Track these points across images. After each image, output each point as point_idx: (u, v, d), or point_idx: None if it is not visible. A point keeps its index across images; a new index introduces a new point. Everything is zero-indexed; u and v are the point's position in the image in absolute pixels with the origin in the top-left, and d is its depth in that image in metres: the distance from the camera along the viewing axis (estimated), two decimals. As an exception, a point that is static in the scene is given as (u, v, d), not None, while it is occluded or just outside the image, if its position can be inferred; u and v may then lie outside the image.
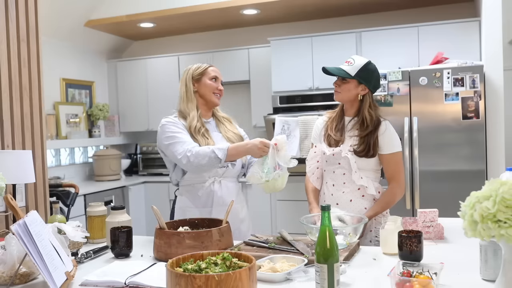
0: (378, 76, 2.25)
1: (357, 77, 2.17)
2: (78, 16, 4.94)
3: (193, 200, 2.29)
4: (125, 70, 5.70)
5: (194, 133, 2.24)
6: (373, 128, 2.18)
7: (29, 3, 2.63)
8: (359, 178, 2.18)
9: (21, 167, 2.24)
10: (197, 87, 2.34)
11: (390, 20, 4.80)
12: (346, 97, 2.22)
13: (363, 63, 2.19)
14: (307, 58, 4.66)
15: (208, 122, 2.37)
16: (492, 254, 1.43)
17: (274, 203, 4.75)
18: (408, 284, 1.30)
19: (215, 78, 2.34)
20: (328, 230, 1.30)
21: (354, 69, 2.18)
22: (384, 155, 2.19)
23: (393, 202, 2.21)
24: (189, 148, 2.14)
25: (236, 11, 4.74)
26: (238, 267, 1.31)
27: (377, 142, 2.17)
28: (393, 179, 2.21)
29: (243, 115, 5.53)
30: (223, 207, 2.19)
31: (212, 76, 2.34)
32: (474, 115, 3.63)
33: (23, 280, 1.56)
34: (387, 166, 2.21)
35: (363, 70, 2.18)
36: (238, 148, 2.15)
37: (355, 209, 2.17)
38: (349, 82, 2.19)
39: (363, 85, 2.19)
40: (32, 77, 2.64)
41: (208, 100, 2.35)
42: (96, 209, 2.22)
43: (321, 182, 2.36)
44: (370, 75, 2.20)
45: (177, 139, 2.20)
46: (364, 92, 2.20)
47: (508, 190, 1.07)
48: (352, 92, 2.20)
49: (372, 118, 2.19)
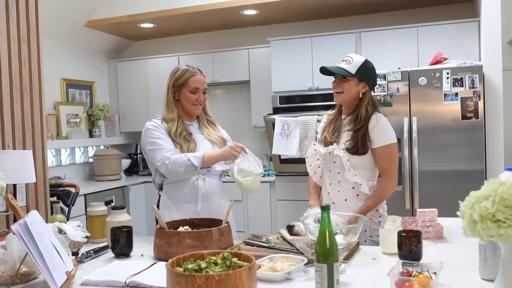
0: (376, 73, 2.26)
1: (358, 75, 2.17)
2: (79, 16, 4.95)
3: (178, 196, 2.32)
4: (126, 70, 5.70)
5: (174, 138, 2.30)
6: (364, 123, 2.17)
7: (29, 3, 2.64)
8: (353, 175, 2.17)
9: (21, 167, 2.24)
10: (178, 96, 2.38)
11: (389, 21, 4.80)
12: (348, 97, 2.21)
13: (362, 61, 2.20)
14: (307, 58, 4.66)
15: (191, 124, 2.42)
16: (491, 253, 1.43)
17: (274, 203, 4.76)
18: (407, 284, 1.30)
19: (195, 89, 2.35)
20: (328, 230, 1.30)
21: (354, 67, 2.18)
22: (376, 148, 2.18)
23: (386, 196, 2.20)
24: (167, 156, 2.21)
25: (236, 11, 4.74)
26: (238, 266, 1.31)
27: (367, 137, 2.16)
28: (385, 173, 2.20)
29: (243, 115, 5.54)
30: (208, 203, 2.29)
31: (192, 88, 2.34)
32: (474, 115, 3.64)
33: (24, 280, 1.57)
34: (380, 159, 2.19)
35: (362, 67, 2.18)
36: (212, 154, 2.23)
37: (350, 209, 2.17)
38: (350, 81, 2.19)
39: (363, 83, 2.19)
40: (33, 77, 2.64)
41: (188, 110, 2.40)
42: (97, 209, 2.23)
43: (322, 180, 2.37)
44: (370, 73, 2.21)
45: (157, 145, 2.26)
46: (365, 89, 2.21)
47: (507, 190, 1.07)
48: (353, 90, 2.20)
49: (367, 114, 2.19)
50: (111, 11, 4.98)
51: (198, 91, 2.36)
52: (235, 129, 5.61)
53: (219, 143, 2.39)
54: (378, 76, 3.81)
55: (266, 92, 4.95)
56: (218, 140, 2.41)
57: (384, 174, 2.20)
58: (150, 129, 2.33)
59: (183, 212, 2.26)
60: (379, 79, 3.80)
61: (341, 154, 2.17)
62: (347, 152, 2.18)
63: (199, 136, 2.39)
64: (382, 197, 2.19)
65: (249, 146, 2.31)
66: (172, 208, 2.31)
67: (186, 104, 2.37)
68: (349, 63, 2.19)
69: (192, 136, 2.34)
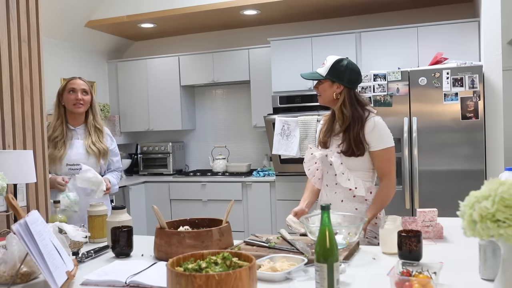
0: (354, 70, 2.20)
1: (329, 76, 2.18)
2: (79, 16, 4.95)
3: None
4: (126, 70, 5.70)
5: (48, 141, 2.60)
6: (351, 124, 2.15)
7: (30, 4, 2.64)
8: (346, 180, 2.17)
9: (22, 167, 2.24)
10: (62, 100, 2.73)
11: (389, 21, 4.80)
12: (326, 99, 2.23)
13: (333, 62, 2.19)
14: (307, 58, 4.66)
15: (75, 129, 2.73)
16: (491, 253, 1.43)
17: (274, 203, 4.76)
18: (407, 284, 1.31)
19: (72, 90, 2.69)
20: (328, 230, 1.30)
21: (325, 70, 2.19)
22: (375, 151, 2.17)
23: (388, 200, 2.20)
24: None
25: (236, 11, 4.74)
26: (238, 266, 1.31)
27: (363, 139, 2.14)
28: (385, 176, 2.19)
29: (243, 115, 5.54)
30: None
31: (69, 89, 2.70)
32: (473, 115, 3.64)
33: (24, 280, 1.57)
34: (379, 162, 2.19)
35: (333, 68, 2.17)
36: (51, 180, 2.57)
37: (346, 210, 2.16)
38: (323, 83, 2.21)
39: (337, 83, 2.19)
40: (33, 77, 2.64)
41: (70, 110, 2.71)
42: (97, 208, 2.23)
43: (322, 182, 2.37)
44: (342, 72, 2.17)
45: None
46: (339, 90, 2.19)
47: (507, 190, 1.07)
48: (328, 92, 2.20)
49: (344, 116, 2.17)
50: (111, 11, 4.99)
51: (76, 91, 2.69)
52: (235, 129, 5.63)
53: (97, 154, 2.68)
54: (378, 76, 3.82)
55: (266, 92, 4.95)
56: (95, 151, 2.68)
57: (384, 177, 2.20)
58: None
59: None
60: (379, 79, 3.81)
61: (333, 160, 2.17)
62: (343, 155, 2.18)
63: (78, 142, 2.69)
64: (384, 201, 2.19)
65: (249, 146, 2.34)
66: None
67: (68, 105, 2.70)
68: (323, 66, 2.22)
69: (67, 141, 2.66)
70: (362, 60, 4.39)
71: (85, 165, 2.61)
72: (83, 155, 2.67)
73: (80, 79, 2.76)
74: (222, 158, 5.37)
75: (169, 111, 5.50)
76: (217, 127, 5.73)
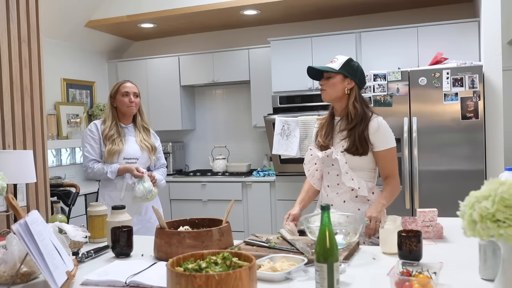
0: (363, 72, 2.26)
1: (342, 71, 2.19)
2: (79, 16, 4.95)
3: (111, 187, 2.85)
4: (126, 70, 5.70)
5: (104, 139, 2.81)
6: (358, 122, 2.17)
7: (30, 4, 2.64)
8: (350, 179, 2.17)
9: (22, 167, 2.25)
10: (115, 102, 2.88)
11: (389, 21, 4.80)
12: (334, 94, 2.22)
13: (346, 59, 2.23)
14: (307, 59, 4.66)
15: (126, 127, 2.91)
16: (491, 253, 1.43)
17: (274, 203, 4.76)
18: (407, 284, 1.31)
19: (125, 93, 2.85)
20: (328, 230, 1.30)
21: (338, 65, 2.21)
22: (379, 152, 2.18)
23: (396, 192, 2.21)
24: (90, 165, 2.79)
25: (236, 11, 4.74)
26: (238, 266, 1.31)
27: (368, 139, 2.15)
28: (390, 175, 2.21)
29: (243, 115, 5.54)
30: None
31: (122, 92, 2.85)
32: (473, 115, 3.64)
33: (24, 280, 1.57)
34: (383, 163, 2.20)
35: (346, 64, 2.21)
36: (126, 167, 2.77)
37: (348, 211, 2.16)
38: (334, 77, 2.21)
39: (349, 79, 2.20)
40: (33, 78, 2.64)
41: (123, 111, 2.88)
42: (97, 208, 2.23)
43: (321, 183, 2.37)
44: (355, 69, 2.22)
45: (85, 150, 2.82)
46: (351, 85, 2.21)
47: (507, 190, 1.07)
48: (338, 87, 2.20)
49: (357, 111, 2.18)
50: (111, 11, 4.99)
51: (129, 94, 2.84)
52: (235, 129, 5.63)
53: (148, 151, 2.88)
54: (378, 76, 3.82)
55: (266, 92, 4.95)
56: (147, 147, 2.89)
57: (389, 176, 2.21)
58: (86, 132, 2.85)
59: (119, 198, 2.80)
60: (379, 79, 3.81)
61: (339, 157, 2.17)
62: (347, 153, 2.18)
63: (131, 138, 2.88)
64: (394, 192, 2.20)
65: (249, 146, 2.36)
66: (110, 194, 2.83)
67: (121, 107, 2.85)
68: (333, 62, 2.24)
69: (123, 138, 2.84)
70: (362, 60, 4.39)
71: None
72: (137, 150, 2.86)
73: (130, 82, 2.93)
74: (222, 158, 5.37)
75: (169, 111, 5.50)
76: (217, 127, 5.73)
